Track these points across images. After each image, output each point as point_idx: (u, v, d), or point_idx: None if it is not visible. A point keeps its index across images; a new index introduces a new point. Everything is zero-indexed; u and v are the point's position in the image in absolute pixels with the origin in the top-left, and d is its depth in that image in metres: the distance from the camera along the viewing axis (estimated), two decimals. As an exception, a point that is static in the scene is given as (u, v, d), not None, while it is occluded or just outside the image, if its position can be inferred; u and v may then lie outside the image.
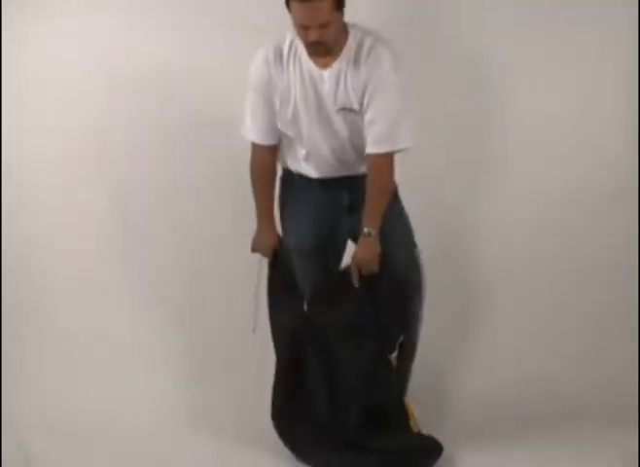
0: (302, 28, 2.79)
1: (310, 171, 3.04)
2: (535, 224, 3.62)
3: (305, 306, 3.05)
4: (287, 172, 3.12)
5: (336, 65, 2.89)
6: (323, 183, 3.05)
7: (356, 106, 2.91)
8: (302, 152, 3.02)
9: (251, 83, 2.97)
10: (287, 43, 2.92)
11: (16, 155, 3.60)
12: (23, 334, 3.60)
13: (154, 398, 3.44)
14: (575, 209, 3.58)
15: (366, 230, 2.95)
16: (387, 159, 2.93)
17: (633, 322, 3.55)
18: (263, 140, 3.02)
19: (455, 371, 3.50)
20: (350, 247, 2.99)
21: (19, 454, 3.07)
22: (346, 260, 2.99)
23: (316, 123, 2.95)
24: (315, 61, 2.90)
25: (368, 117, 2.90)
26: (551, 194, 3.59)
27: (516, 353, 3.57)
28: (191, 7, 3.51)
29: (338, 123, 2.95)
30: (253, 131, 3.01)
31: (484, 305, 3.64)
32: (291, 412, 3.08)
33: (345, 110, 2.92)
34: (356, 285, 2.97)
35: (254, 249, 3.14)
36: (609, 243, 3.59)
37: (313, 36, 2.78)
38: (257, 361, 3.24)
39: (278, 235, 3.11)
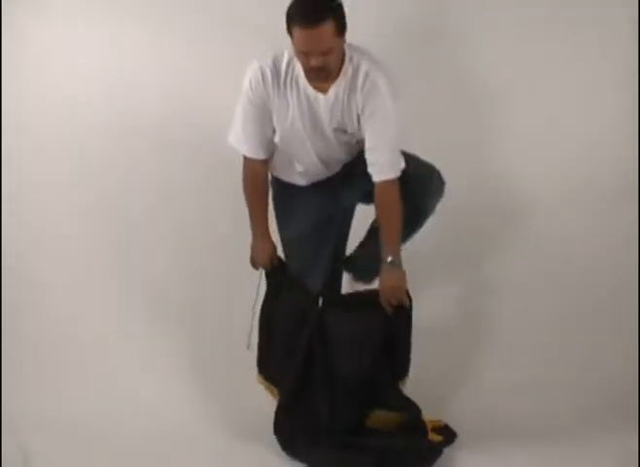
0: (304, 54, 2.77)
1: (302, 182, 3.09)
2: (535, 224, 3.62)
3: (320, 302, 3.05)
4: (277, 178, 3.14)
5: (332, 90, 2.88)
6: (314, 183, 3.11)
7: (350, 130, 2.94)
8: (300, 168, 3.04)
9: (246, 96, 2.93)
10: (285, 61, 2.88)
11: (15, 155, 3.60)
12: (23, 334, 3.59)
13: (153, 398, 3.43)
14: (575, 209, 3.59)
15: (389, 258, 2.93)
16: (393, 184, 2.93)
17: (633, 322, 3.55)
18: (256, 154, 3.01)
19: (454, 372, 3.49)
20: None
21: (19, 454, 3.06)
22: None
23: (312, 139, 2.97)
24: (312, 84, 2.89)
25: (369, 144, 2.91)
26: (551, 194, 3.60)
27: (515, 354, 3.56)
28: (191, 7, 3.51)
29: (333, 140, 2.97)
30: (246, 145, 2.99)
31: (483, 306, 3.64)
32: (292, 412, 3.07)
33: (339, 131, 2.94)
34: (389, 313, 2.96)
35: (254, 264, 3.14)
36: (609, 243, 3.60)
37: (316, 62, 2.76)
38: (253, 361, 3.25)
39: (275, 246, 3.11)
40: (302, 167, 3.04)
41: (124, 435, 3.22)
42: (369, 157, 2.93)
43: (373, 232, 3.09)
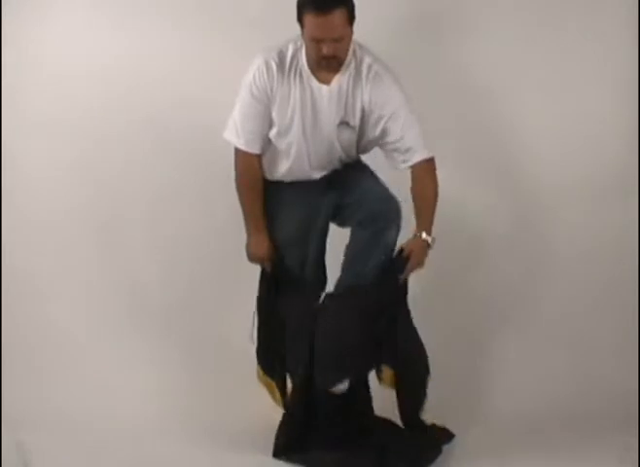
0: (316, 42, 2.79)
1: (282, 179, 3.07)
2: (536, 225, 3.63)
3: None
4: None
5: (336, 80, 2.90)
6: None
7: (353, 123, 2.94)
8: (285, 165, 3.03)
9: (249, 90, 2.93)
10: (290, 52, 2.90)
11: (16, 156, 3.60)
12: (23, 334, 3.59)
13: (153, 398, 3.44)
14: (575, 208, 3.59)
15: (423, 234, 2.99)
16: (429, 164, 2.99)
17: (633, 322, 3.55)
18: (252, 148, 3.00)
19: (454, 372, 3.49)
20: None
21: (19, 453, 3.07)
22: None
23: (309, 137, 2.96)
24: (316, 76, 2.90)
25: (396, 135, 2.92)
26: (551, 193, 3.60)
27: (515, 353, 3.57)
28: (189, 7, 3.51)
29: (332, 139, 2.96)
30: (243, 139, 2.99)
31: (482, 306, 3.64)
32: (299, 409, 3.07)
33: (343, 125, 2.94)
34: (404, 275, 3.01)
35: (253, 259, 3.13)
36: (609, 243, 3.60)
37: (328, 50, 2.78)
38: (251, 363, 3.25)
39: (270, 242, 3.10)
40: (288, 165, 3.03)
41: (124, 434, 3.23)
42: (400, 146, 2.94)
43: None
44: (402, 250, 3.04)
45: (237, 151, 3.02)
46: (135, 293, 3.65)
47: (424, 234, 3.01)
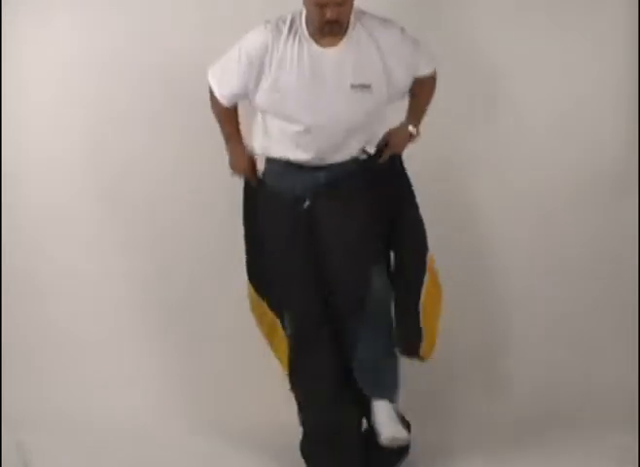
0: (320, 7, 2.81)
1: (301, 155, 3.01)
2: (536, 225, 3.63)
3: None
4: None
5: (345, 43, 2.90)
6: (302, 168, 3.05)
7: (369, 81, 2.92)
8: (286, 143, 2.98)
9: (237, 52, 2.94)
10: (288, 20, 2.91)
11: (17, 155, 3.60)
12: (23, 333, 3.59)
13: (153, 397, 3.45)
14: (575, 209, 3.59)
15: (409, 126, 3.07)
16: (434, 78, 3.07)
17: (633, 322, 3.55)
18: (227, 101, 3.02)
19: (454, 370, 3.50)
20: None
21: (19, 452, 3.08)
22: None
23: (312, 107, 2.92)
24: (317, 41, 2.91)
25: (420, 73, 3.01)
26: (551, 193, 3.60)
27: (515, 352, 3.57)
28: (189, 6, 3.51)
29: (341, 106, 2.93)
30: (217, 87, 3.01)
31: (483, 305, 3.64)
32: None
33: (357, 88, 2.92)
34: (382, 159, 3.03)
35: (236, 171, 3.12)
36: (609, 243, 3.60)
37: (332, 14, 2.80)
38: (251, 363, 3.25)
39: (252, 155, 3.11)
40: (288, 142, 2.98)
41: (124, 435, 3.24)
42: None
43: None
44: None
45: (212, 93, 3.05)
46: (135, 292, 3.65)
47: (410, 127, 3.07)
